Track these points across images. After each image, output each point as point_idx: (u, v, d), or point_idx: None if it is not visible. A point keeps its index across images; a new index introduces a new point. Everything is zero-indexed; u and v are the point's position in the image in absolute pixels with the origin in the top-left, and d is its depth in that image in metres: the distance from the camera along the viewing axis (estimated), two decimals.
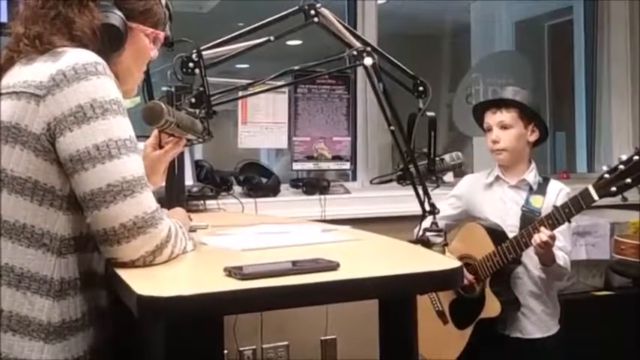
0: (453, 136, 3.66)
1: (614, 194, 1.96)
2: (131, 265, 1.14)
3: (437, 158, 2.00)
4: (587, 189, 2.01)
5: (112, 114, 1.15)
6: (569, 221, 2.08)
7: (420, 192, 1.87)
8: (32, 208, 1.15)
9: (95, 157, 1.13)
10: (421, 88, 1.97)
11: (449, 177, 2.68)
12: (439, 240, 1.88)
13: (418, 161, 1.92)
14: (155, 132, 1.54)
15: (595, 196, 1.99)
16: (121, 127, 1.16)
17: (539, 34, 4.05)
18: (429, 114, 1.96)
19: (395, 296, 1.19)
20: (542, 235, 2.04)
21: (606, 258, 2.92)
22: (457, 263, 1.14)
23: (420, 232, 1.90)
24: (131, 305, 0.99)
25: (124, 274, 1.09)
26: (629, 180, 1.93)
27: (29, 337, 1.14)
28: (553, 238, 2.06)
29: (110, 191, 1.12)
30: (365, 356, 2.22)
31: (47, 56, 1.19)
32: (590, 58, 3.75)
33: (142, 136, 1.41)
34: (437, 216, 1.89)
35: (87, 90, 1.14)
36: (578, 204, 2.02)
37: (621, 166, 1.95)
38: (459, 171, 2.37)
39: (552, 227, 2.06)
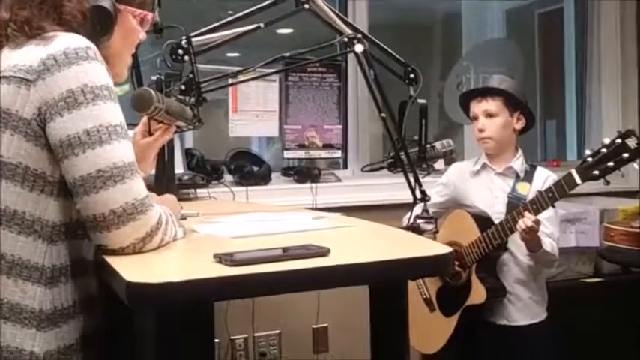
0: (443, 124, 3.66)
1: (596, 178, 1.97)
2: (121, 252, 1.13)
3: (428, 146, 2.01)
4: (570, 173, 2.01)
5: (102, 99, 1.15)
6: (554, 206, 2.08)
7: (411, 179, 1.88)
8: (23, 194, 1.15)
9: (85, 142, 1.12)
10: (412, 76, 1.97)
11: (440, 164, 2.68)
12: (430, 227, 1.89)
13: (409, 149, 1.93)
14: (144, 119, 1.53)
15: (578, 180, 1.99)
16: (112, 113, 1.16)
17: (530, 22, 4.05)
18: (420, 101, 1.97)
19: (386, 282, 1.19)
20: (526, 220, 2.05)
21: (595, 245, 2.93)
22: (448, 249, 1.15)
23: (411, 220, 1.91)
24: (120, 292, 0.99)
25: (114, 260, 1.09)
26: (611, 163, 1.94)
27: (21, 324, 1.13)
28: (537, 223, 2.06)
29: (100, 177, 1.11)
30: (356, 344, 2.23)
31: (38, 40, 1.18)
32: (580, 46, 3.75)
33: (131, 125, 1.40)
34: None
35: (78, 75, 1.14)
36: (561, 188, 2.03)
37: (603, 150, 1.95)
38: (450, 158, 2.39)
39: (536, 212, 2.06)
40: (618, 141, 1.93)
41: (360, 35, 1.82)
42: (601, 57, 3.59)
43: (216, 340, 2.63)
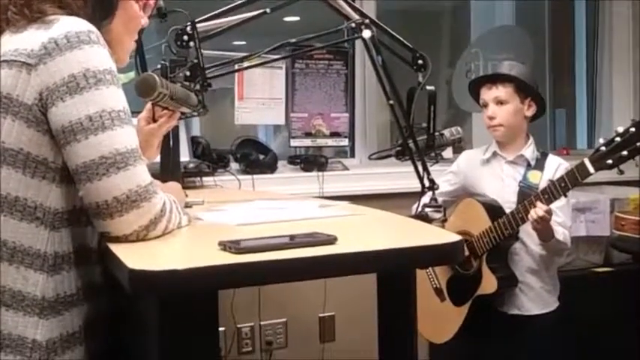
0: (452, 112, 3.63)
1: (610, 167, 1.94)
2: (124, 239, 1.12)
3: (436, 133, 1.97)
4: (582, 162, 1.98)
5: (105, 84, 1.13)
6: (566, 195, 2.06)
7: (420, 167, 1.85)
8: (25, 180, 1.13)
9: (88, 128, 1.10)
10: (420, 62, 1.94)
11: (448, 153, 2.65)
12: (438, 216, 1.87)
13: (417, 136, 1.90)
14: (148, 105, 1.51)
15: (591, 169, 1.96)
16: (115, 98, 1.14)
17: (540, 9, 4.00)
18: (429, 88, 1.93)
19: (394, 270, 1.17)
20: (538, 210, 2.02)
21: (606, 234, 2.90)
22: (457, 237, 1.12)
23: (419, 208, 1.89)
24: (123, 280, 0.97)
25: (117, 248, 1.07)
26: (625, 152, 1.91)
27: (23, 312, 1.12)
28: (549, 212, 2.04)
29: (103, 163, 1.09)
30: (363, 333, 2.21)
31: (38, 24, 1.16)
32: (591, 33, 3.71)
33: (135, 112, 1.38)
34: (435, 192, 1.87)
35: (79, 59, 1.11)
36: (574, 177, 2.00)
37: (617, 139, 1.92)
38: (459, 147, 2.36)
39: (548, 202, 2.04)
40: (633, 129, 1.90)
41: (367, 21, 1.79)
42: (612, 44, 3.55)
43: (222, 329, 2.63)
